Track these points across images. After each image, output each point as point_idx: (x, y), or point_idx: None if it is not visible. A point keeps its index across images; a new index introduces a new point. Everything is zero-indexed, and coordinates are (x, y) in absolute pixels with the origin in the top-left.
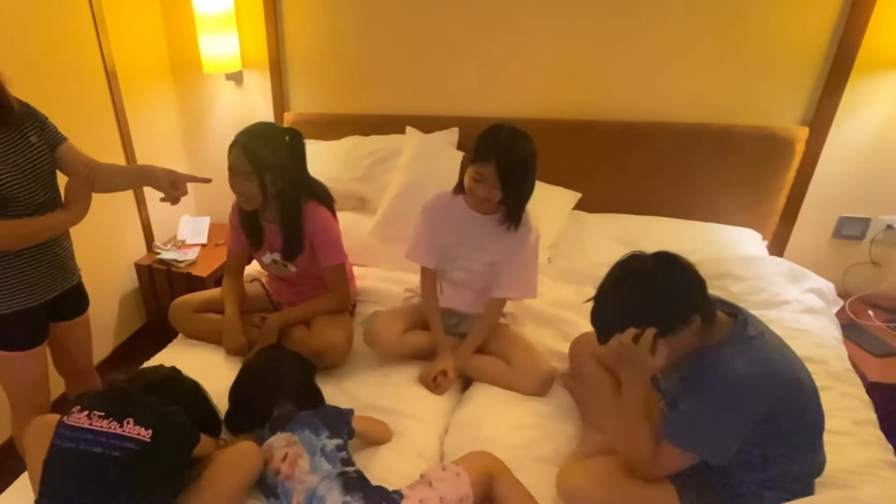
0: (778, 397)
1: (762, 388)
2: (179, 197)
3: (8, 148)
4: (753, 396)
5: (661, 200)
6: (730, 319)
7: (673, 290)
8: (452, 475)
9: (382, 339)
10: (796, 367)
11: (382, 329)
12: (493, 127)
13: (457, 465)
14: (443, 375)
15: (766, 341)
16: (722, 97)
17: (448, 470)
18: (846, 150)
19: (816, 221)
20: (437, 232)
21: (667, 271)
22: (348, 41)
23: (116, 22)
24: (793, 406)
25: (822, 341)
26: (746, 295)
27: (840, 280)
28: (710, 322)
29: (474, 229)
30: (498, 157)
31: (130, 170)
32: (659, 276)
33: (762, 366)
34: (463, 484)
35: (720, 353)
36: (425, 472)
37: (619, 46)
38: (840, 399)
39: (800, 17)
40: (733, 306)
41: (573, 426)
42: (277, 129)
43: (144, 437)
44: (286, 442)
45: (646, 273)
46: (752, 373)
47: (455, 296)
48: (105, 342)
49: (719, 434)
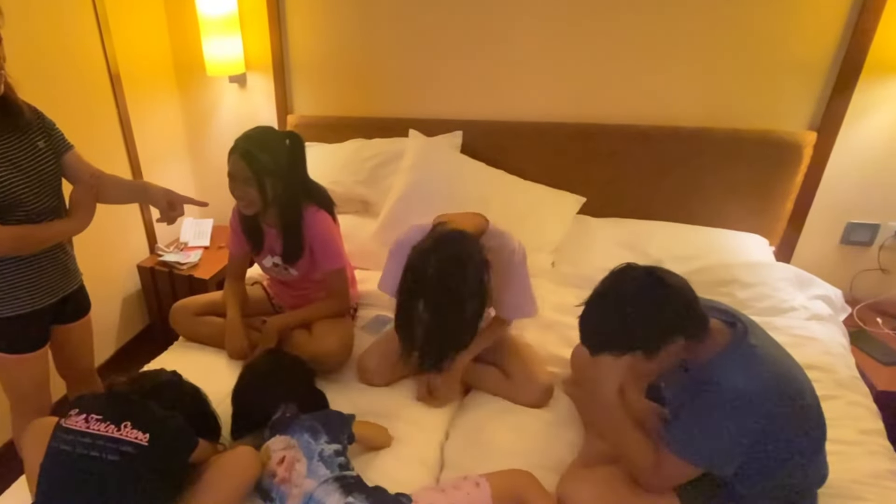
0: (779, 410)
1: (763, 400)
2: (175, 218)
3: (15, 152)
4: (754, 409)
5: (667, 205)
6: (728, 329)
7: (655, 314)
8: (471, 484)
9: (373, 373)
10: (798, 379)
11: (373, 363)
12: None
13: (482, 476)
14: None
15: (768, 352)
16: (728, 101)
17: (468, 479)
18: (855, 155)
19: (824, 227)
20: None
21: (652, 293)
22: (352, 44)
23: (120, 25)
24: (794, 418)
25: (829, 349)
26: (752, 301)
27: (848, 287)
28: (697, 339)
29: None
30: (424, 294)
31: (130, 185)
32: (644, 297)
33: (763, 378)
34: (482, 495)
35: (721, 364)
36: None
37: (624, 50)
38: (847, 408)
39: (807, 21)
40: (733, 315)
41: (575, 433)
42: (277, 134)
43: (141, 441)
44: (284, 445)
45: (631, 293)
46: (753, 385)
47: None
48: (107, 344)
49: (720, 446)
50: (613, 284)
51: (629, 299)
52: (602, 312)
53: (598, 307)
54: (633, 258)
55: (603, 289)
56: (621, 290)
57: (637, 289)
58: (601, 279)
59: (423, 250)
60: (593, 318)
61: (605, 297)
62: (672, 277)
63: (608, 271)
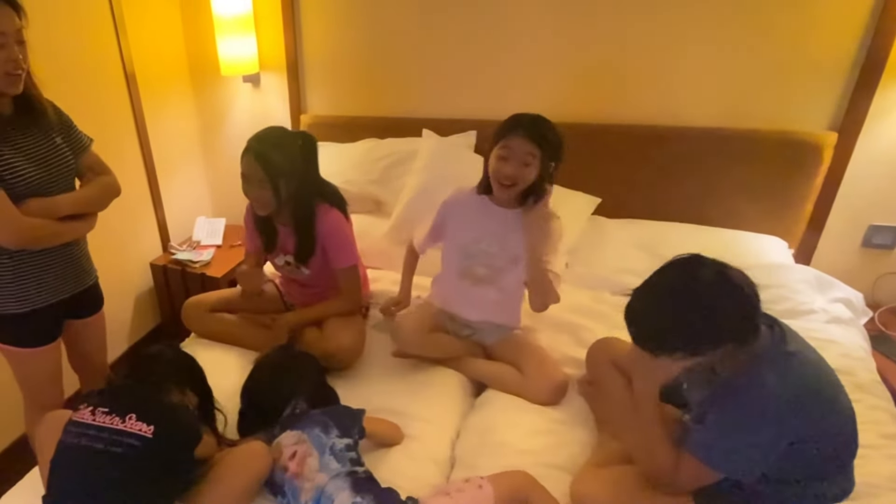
0: (811, 419)
1: (795, 408)
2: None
3: (35, 147)
4: (785, 416)
5: (683, 206)
6: (767, 331)
7: (717, 318)
8: (474, 487)
9: (410, 332)
10: (834, 388)
11: (409, 323)
12: (515, 114)
13: (483, 478)
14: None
15: (805, 359)
16: (746, 101)
17: (471, 482)
18: (877, 157)
19: (845, 230)
20: (457, 228)
21: (721, 294)
22: (365, 44)
23: (136, 25)
24: (827, 429)
25: (849, 352)
26: (770, 304)
27: (870, 290)
28: (743, 345)
29: (494, 224)
30: (526, 127)
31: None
32: (711, 296)
33: (797, 386)
34: (485, 498)
35: (755, 368)
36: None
37: (640, 49)
38: (868, 412)
39: (828, 19)
40: (771, 318)
41: (588, 433)
42: (290, 134)
43: (146, 433)
44: (295, 440)
45: (699, 291)
46: (786, 392)
47: (478, 294)
48: (120, 341)
49: (745, 452)
50: (686, 278)
51: (700, 295)
52: (675, 310)
53: (668, 304)
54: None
55: (675, 279)
56: (693, 284)
57: (709, 284)
58: (666, 265)
59: None
60: (662, 315)
61: (673, 289)
62: (740, 277)
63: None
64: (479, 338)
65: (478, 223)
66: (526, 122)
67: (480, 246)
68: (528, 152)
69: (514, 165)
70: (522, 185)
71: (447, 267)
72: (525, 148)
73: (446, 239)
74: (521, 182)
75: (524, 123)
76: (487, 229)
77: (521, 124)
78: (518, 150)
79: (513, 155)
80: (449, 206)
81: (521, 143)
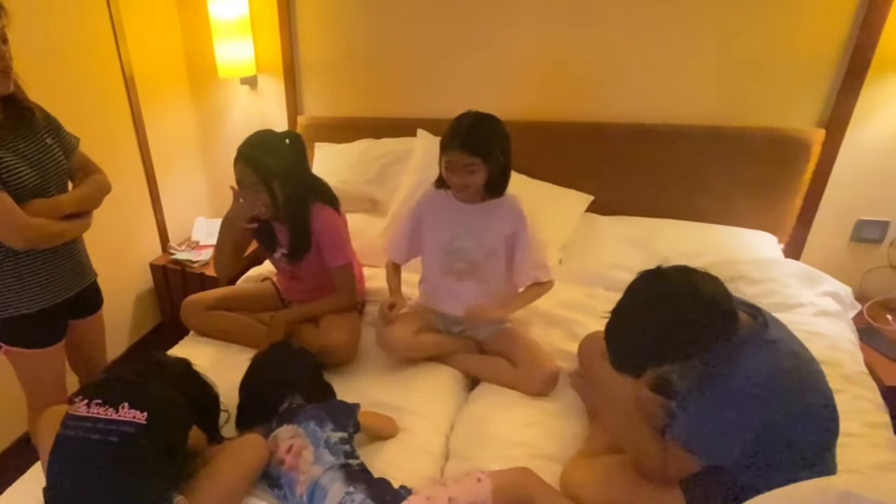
0: (784, 403)
1: (767, 392)
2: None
3: (32, 151)
4: (764, 401)
5: (674, 203)
6: (750, 320)
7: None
8: (472, 480)
9: (397, 339)
10: (812, 375)
11: (396, 330)
12: (457, 116)
13: (484, 472)
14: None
15: (785, 347)
16: (736, 99)
17: (470, 475)
18: (863, 152)
19: (834, 224)
20: (433, 228)
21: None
22: (361, 46)
23: (134, 28)
24: (800, 414)
25: (836, 344)
26: (760, 297)
27: (858, 284)
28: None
29: (466, 220)
30: (462, 140)
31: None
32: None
33: (772, 370)
34: (482, 490)
35: (735, 356)
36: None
37: (632, 48)
38: (853, 402)
39: (815, 17)
40: (754, 308)
41: (579, 425)
42: (277, 135)
43: (140, 420)
44: (291, 434)
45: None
46: (759, 377)
47: (462, 289)
48: (120, 340)
49: (720, 436)
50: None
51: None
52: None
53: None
54: (641, 256)
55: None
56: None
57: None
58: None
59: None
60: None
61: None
62: (707, 278)
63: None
64: (472, 333)
65: (451, 220)
66: (462, 132)
67: (456, 243)
68: (469, 163)
69: (459, 175)
70: (475, 187)
71: (429, 267)
72: (464, 160)
73: (424, 241)
74: (473, 185)
75: (460, 135)
76: (461, 226)
77: (457, 137)
78: (458, 164)
79: (455, 167)
80: (421, 207)
81: (459, 157)
